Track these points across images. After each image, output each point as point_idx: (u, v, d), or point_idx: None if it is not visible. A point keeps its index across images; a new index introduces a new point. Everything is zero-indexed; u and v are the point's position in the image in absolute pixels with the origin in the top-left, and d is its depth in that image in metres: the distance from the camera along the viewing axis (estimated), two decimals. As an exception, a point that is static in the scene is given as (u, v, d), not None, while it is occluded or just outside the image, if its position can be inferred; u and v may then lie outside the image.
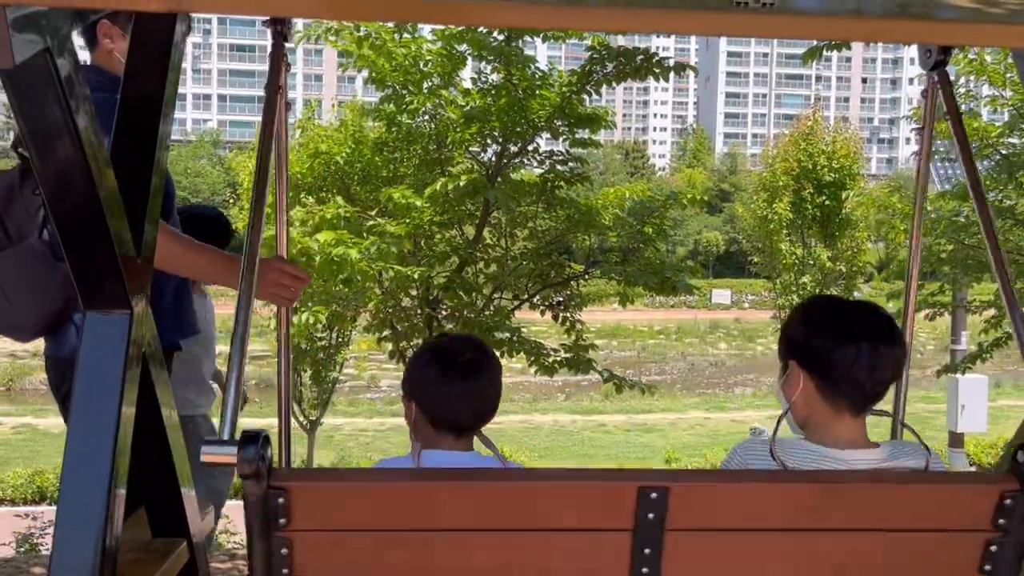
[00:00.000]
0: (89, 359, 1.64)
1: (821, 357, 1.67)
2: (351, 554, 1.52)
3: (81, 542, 1.57)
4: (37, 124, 1.49)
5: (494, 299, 7.43)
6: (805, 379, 1.69)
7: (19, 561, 3.94)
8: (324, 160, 7.47)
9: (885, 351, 1.65)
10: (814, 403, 1.70)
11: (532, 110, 6.67)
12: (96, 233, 1.62)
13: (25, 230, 2.24)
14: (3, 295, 2.24)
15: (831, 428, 1.69)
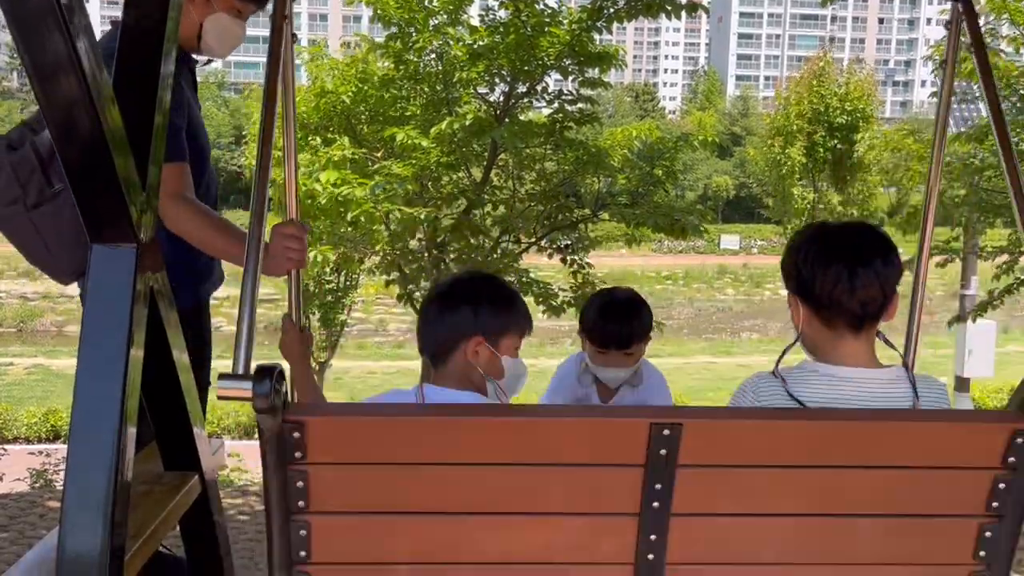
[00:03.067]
0: (97, 292, 1.63)
1: (808, 285, 1.72)
2: (366, 486, 1.52)
3: (93, 476, 1.58)
4: (39, 58, 1.46)
5: (502, 242, 7.40)
6: (803, 307, 1.74)
7: (34, 495, 4.01)
8: (331, 99, 7.37)
9: (863, 271, 1.68)
10: (816, 329, 1.74)
11: (541, 48, 6.55)
12: (101, 167, 1.59)
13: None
14: (43, 243, 2.26)
15: (836, 350, 1.73)
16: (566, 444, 1.52)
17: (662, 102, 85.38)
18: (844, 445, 1.55)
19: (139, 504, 1.86)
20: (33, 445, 11.85)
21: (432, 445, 1.50)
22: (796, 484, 1.59)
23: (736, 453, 1.55)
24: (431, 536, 1.56)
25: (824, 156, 15.18)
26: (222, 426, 13.81)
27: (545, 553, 1.59)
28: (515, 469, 1.53)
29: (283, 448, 1.45)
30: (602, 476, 1.55)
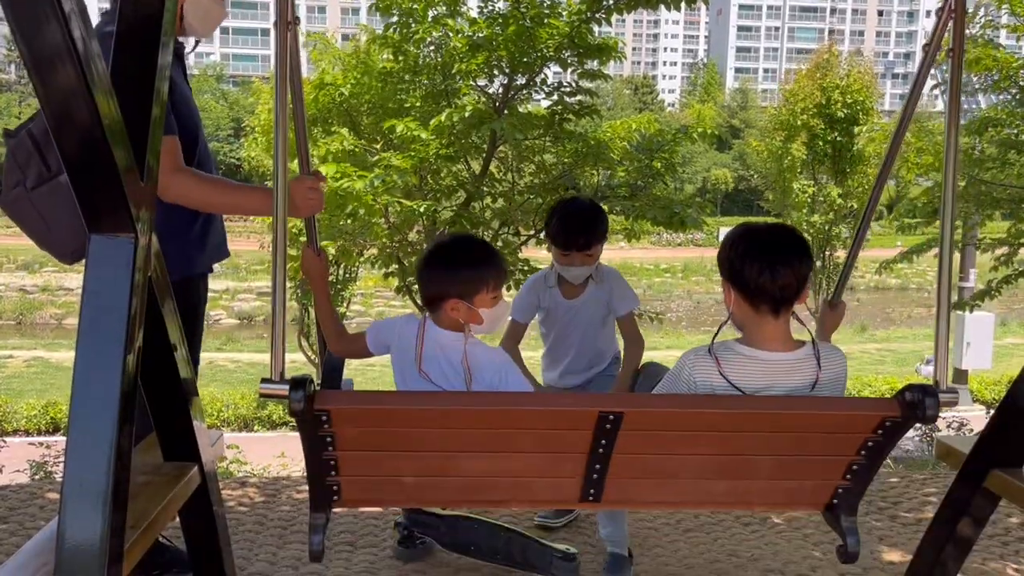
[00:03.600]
0: (95, 282, 1.63)
1: (738, 273, 2.06)
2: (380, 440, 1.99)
3: (92, 466, 1.58)
4: (37, 46, 1.45)
5: (501, 234, 7.39)
6: (734, 292, 2.09)
7: (34, 487, 4.01)
8: (330, 92, 7.35)
9: (782, 265, 2.03)
10: (743, 310, 2.09)
11: (540, 39, 6.53)
12: (99, 158, 1.59)
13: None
14: (44, 224, 2.34)
15: (759, 328, 2.09)
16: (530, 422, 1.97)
17: (661, 95, 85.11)
18: (752, 421, 1.97)
19: (138, 494, 1.86)
20: (33, 437, 11.86)
21: (428, 421, 1.95)
22: (712, 441, 2.02)
23: (665, 425, 1.99)
24: (429, 463, 2.04)
25: (824, 149, 15.15)
26: (221, 418, 13.82)
27: (516, 472, 2.08)
28: (495, 433, 1.97)
29: (314, 426, 1.90)
30: (560, 437, 1.99)
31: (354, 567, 3.12)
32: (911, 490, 4.04)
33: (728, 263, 2.11)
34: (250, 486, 3.99)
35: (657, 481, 2.16)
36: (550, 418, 1.98)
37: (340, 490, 2.08)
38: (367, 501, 2.45)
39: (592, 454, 2.01)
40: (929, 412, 1.91)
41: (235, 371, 18.60)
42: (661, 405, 2.06)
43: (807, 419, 2.01)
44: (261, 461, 9.16)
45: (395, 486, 2.14)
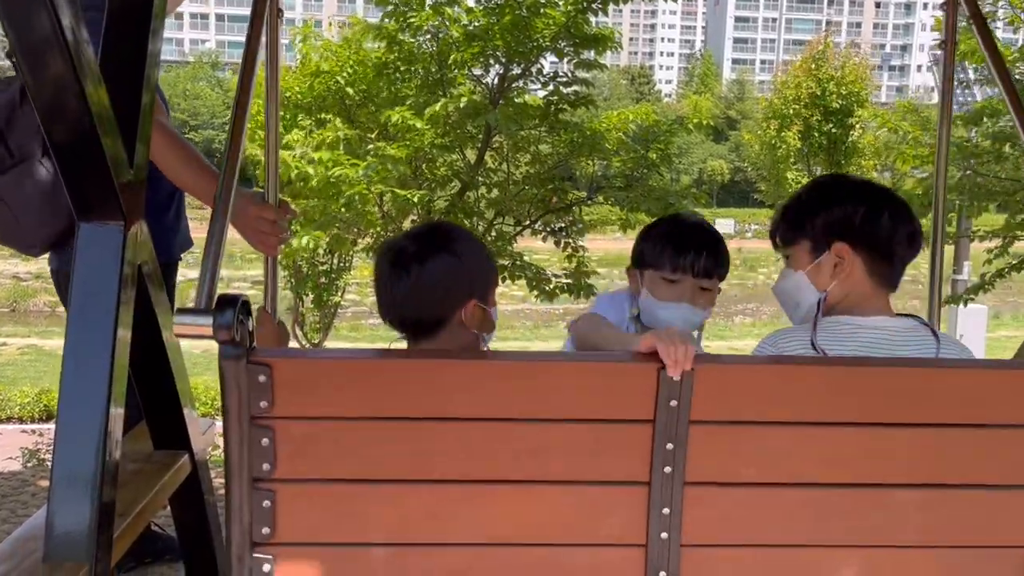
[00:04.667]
0: (84, 269, 1.63)
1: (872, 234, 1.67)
2: (338, 445, 1.36)
3: (81, 454, 1.58)
4: (26, 35, 1.44)
5: (495, 224, 7.38)
6: (861, 255, 1.67)
7: (26, 475, 4.01)
8: (324, 80, 7.32)
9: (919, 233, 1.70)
10: (860, 279, 1.67)
11: (536, 29, 6.51)
12: (88, 145, 1.59)
13: (27, 149, 2.21)
14: (11, 214, 2.23)
15: (870, 300, 1.68)
16: (565, 393, 1.34)
17: (658, 85, 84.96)
18: (871, 397, 1.35)
19: (128, 482, 1.87)
20: (26, 425, 11.85)
21: (414, 394, 1.34)
22: (823, 445, 1.38)
23: (754, 406, 1.36)
24: (407, 511, 1.39)
25: (819, 141, 15.15)
26: (215, 407, 13.81)
27: (542, 531, 1.40)
28: (506, 425, 1.35)
29: (248, 397, 1.30)
30: (606, 433, 1.36)
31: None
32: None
33: (867, 223, 1.65)
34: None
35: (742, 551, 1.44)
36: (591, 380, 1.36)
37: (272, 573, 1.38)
38: None
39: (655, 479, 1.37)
40: None
41: (229, 360, 18.53)
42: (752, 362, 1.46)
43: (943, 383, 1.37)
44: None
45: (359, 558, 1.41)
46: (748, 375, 1.38)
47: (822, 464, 1.40)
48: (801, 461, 1.39)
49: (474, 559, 1.41)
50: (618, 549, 1.41)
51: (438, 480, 1.38)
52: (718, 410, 1.35)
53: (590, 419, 1.36)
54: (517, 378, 1.35)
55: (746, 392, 1.36)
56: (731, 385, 1.36)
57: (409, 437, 1.35)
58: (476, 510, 1.40)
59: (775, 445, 1.39)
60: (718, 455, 1.38)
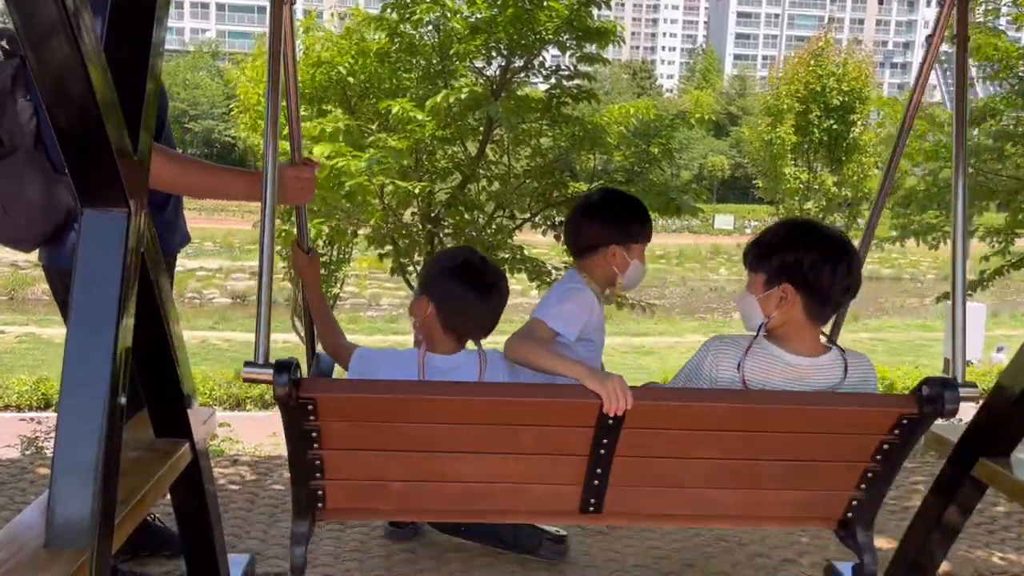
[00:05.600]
0: (87, 255, 1.62)
1: (806, 274, 1.97)
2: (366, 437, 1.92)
3: (83, 442, 1.58)
4: (32, 22, 1.43)
5: (496, 217, 7.38)
6: (800, 295, 1.98)
7: (24, 462, 4.01)
8: (326, 70, 7.31)
9: (854, 273, 2.01)
10: (795, 313, 2.00)
11: (539, 22, 6.50)
12: (92, 131, 1.57)
13: (17, 140, 2.18)
14: (1, 208, 2.19)
15: (799, 332, 2.02)
16: (529, 416, 1.88)
17: (659, 80, 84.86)
18: (764, 418, 1.90)
19: (129, 470, 1.86)
20: (24, 413, 11.85)
21: (423, 410, 1.88)
22: (721, 441, 1.94)
23: (672, 420, 1.91)
24: (421, 465, 1.96)
25: (819, 137, 15.14)
26: (214, 396, 13.82)
27: (514, 477, 1.98)
28: (491, 428, 1.90)
29: (299, 416, 1.84)
30: (560, 435, 1.91)
31: (344, 545, 3.14)
32: (899, 478, 4.07)
33: (810, 269, 1.96)
34: (241, 464, 4.00)
35: (661, 490, 2.04)
36: (551, 409, 1.88)
37: (325, 496, 2.00)
38: (354, 511, 2.25)
39: (593, 455, 1.92)
40: (948, 407, 1.83)
41: (228, 350, 18.59)
42: (668, 398, 1.95)
43: (820, 416, 1.91)
44: (253, 440, 9.19)
45: (384, 492, 2.03)
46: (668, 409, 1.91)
47: (712, 446, 1.96)
48: (698, 445, 1.94)
49: (461, 489, 2.03)
50: (565, 486, 2.01)
51: (442, 451, 1.94)
52: (643, 422, 1.86)
53: (551, 425, 1.91)
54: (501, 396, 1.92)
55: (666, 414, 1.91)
56: (657, 411, 1.89)
57: (419, 436, 1.92)
58: (466, 466, 1.98)
59: (678, 436, 1.93)
60: (640, 442, 1.91)
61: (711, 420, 1.89)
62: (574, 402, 1.86)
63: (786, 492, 2.06)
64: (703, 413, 1.89)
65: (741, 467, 1.99)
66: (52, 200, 2.22)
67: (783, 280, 1.97)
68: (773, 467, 2.00)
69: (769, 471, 2.00)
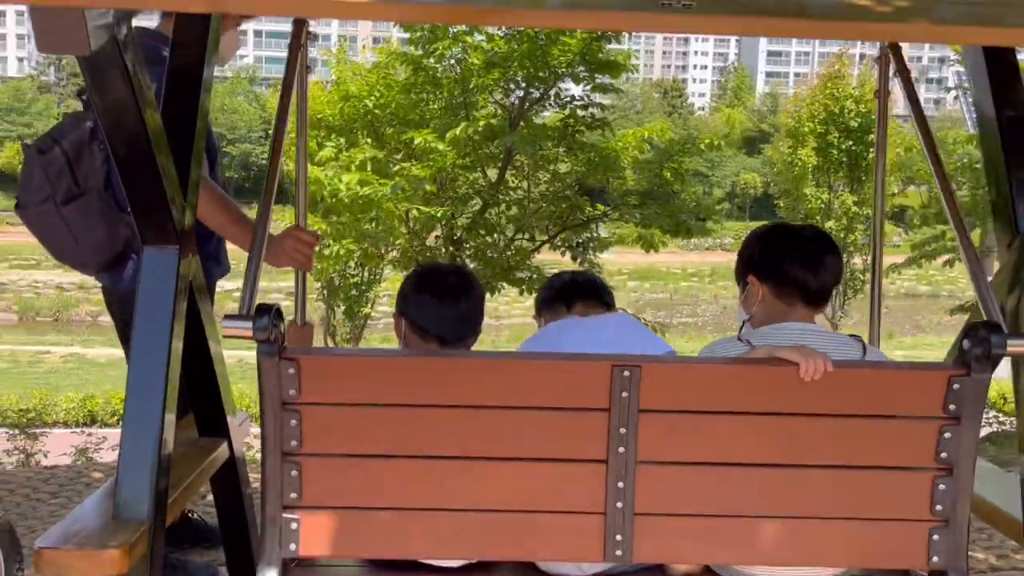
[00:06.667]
0: (148, 284, 2.00)
1: (774, 267, 2.00)
2: (351, 427, 1.70)
3: (143, 438, 1.95)
4: (105, 98, 1.81)
5: (516, 240, 7.75)
6: (764, 288, 2.00)
7: (79, 467, 4.43)
8: (354, 103, 7.75)
9: (825, 262, 1.99)
10: (771, 306, 1.99)
11: (553, 56, 6.88)
12: (151, 186, 1.96)
13: (91, 182, 2.59)
14: (72, 237, 2.62)
15: (785, 318, 1.98)
16: (534, 385, 1.67)
17: (691, 98, 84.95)
18: (798, 391, 1.65)
19: (178, 462, 2.23)
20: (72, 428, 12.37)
21: (410, 384, 1.68)
22: (754, 432, 1.68)
23: (694, 399, 1.67)
24: (408, 482, 1.71)
25: (839, 158, 15.32)
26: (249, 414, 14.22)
27: (517, 500, 1.70)
28: (486, 412, 1.67)
29: (279, 386, 1.64)
30: (569, 420, 1.66)
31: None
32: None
33: (762, 257, 2.02)
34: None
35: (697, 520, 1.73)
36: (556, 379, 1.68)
37: (299, 529, 1.69)
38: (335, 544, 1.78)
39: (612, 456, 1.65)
40: (995, 351, 1.61)
41: (264, 368, 19.03)
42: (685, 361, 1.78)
43: (856, 381, 1.67)
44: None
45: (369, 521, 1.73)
46: (684, 371, 1.72)
47: (750, 446, 1.71)
48: (732, 443, 1.70)
49: (461, 522, 1.74)
50: (581, 516, 1.71)
51: (432, 456, 1.70)
52: (662, 401, 1.66)
53: (556, 407, 1.67)
54: (496, 372, 1.70)
55: (684, 386, 1.70)
56: (671, 380, 1.69)
57: (409, 421, 1.69)
58: (462, 482, 1.72)
59: (709, 429, 1.70)
60: (664, 438, 1.69)
61: (743, 395, 1.66)
62: (584, 365, 1.66)
63: (851, 523, 1.73)
64: (730, 384, 1.66)
65: (790, 478, 1.69)
66: (115, 234, 2.62)
67: (749, 274, 2.05)
68: (825, 475, 1.71)
69: (821, 481, 1.71)
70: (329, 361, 1.75)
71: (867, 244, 16.17)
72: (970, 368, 1.64)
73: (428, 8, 1.51)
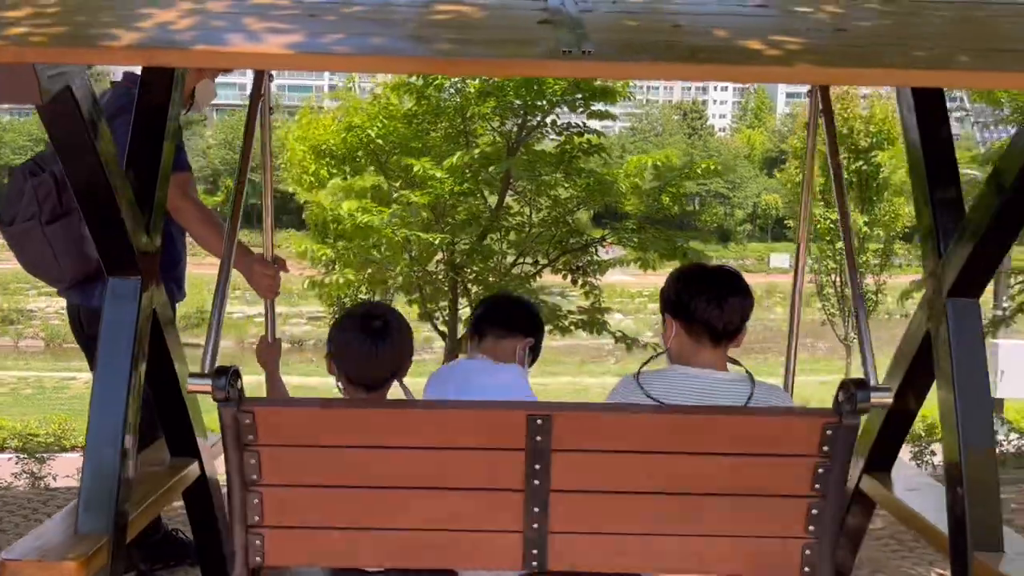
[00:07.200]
0: (112, 312, 2.15)
1: (684, 306, 2.21)
2: (303, 464, 1.94)
3: (105, 457, 2.08)
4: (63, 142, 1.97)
5: (517, 264, 7.88)
6: (676, 324, 2.23)
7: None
8: (357, 133, 7.96)
9: (729, 300, 2.19)
10: (682, 342, 2.22)
11: (548, 85, 7.04)
12: (109, 219, 2.11)
13: (75, 204, 2.76)
14: (52, 253, 2.81)
15: (696, 355, 2.21)
16: (460, 430, 1.91)
17: (711, 120, 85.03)
18: (690, 434, 1.92)
19: (146, 480, 2.37)
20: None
21: (349, 431, 1.93)
22: (652, 468, 1.94)
23: (598, 441, 1.92)
24: (354, 507, 1.95)
25: (848, 178, 15.34)
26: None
27: (449, 521, 1.96)
28: (417, 452, 1.92)
29: (239, 432, 1.86)
30: (493, 457, 1.91)
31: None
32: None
33: (675, 297, 2.23)
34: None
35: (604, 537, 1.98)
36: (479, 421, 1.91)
37: (264, 543, 1.93)
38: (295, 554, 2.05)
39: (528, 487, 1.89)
40: (860, 404, 1.83)
41: (283, 393, 19.25)
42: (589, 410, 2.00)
43: (741, 427, 1.91)
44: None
45: (323, 537, 1.98)
46: (589, 419, 1.96)
47: (649, 478, 1.95)
48: (633, 475, 1.95)
49: (401, 539, 1.99)
50: (503, 534, 1.96)
51: (372, 487, 1.95)
52: (571, 442, 1.90)
53: (480, 448, 1.92)
54: (427, 422, 1.95)
55: (589, 430, 1.94)
56: (578, 425, 1.92)
57: (349, 459, 1.93)
58: (399, 507, 1.96)
59: (613, 464, 1.94)
60: (574, 472, 1.93)
61: (636, 435, 1.92)
62: (503, 414, 1.91)
63: (737, 539, 1.98)
64: (619, 426, 1.93)
65: (684, 504, 1.94)
66: (93, 253, 2.78)
67: (666, 311, 2.28)
68: (714, 501, 1.94)
69: (711, 506, 1.94)
70: (279, 411, 1.97)
71: (880, 266, 16.20)
72: (841, 417, 1.87)
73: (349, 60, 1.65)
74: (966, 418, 2.19)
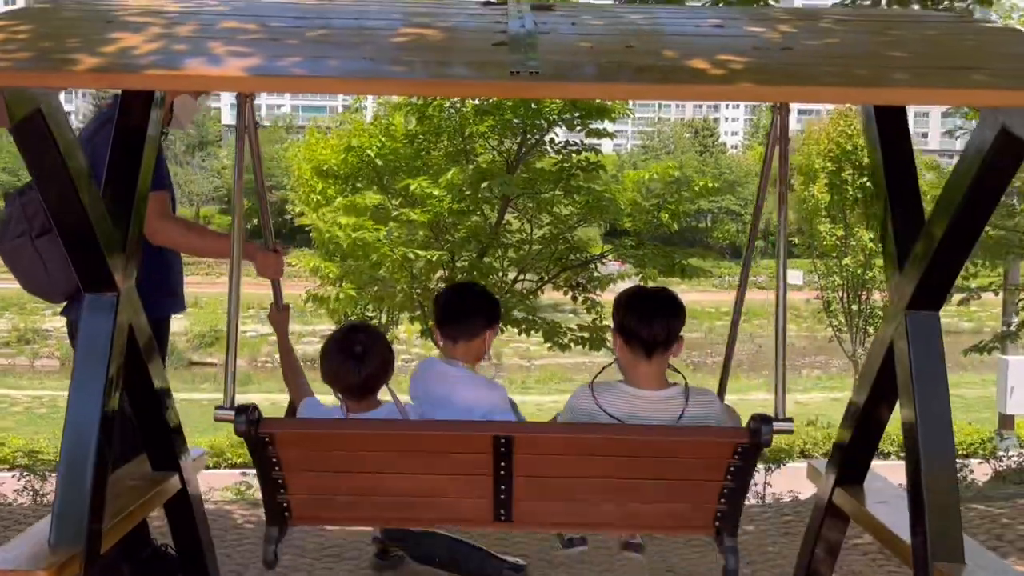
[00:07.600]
0: (88, 327, 2.21)
1: (621, 322, 2.55)
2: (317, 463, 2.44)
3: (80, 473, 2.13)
4: (35, 161, 2.04)
5: (517, 281, 7.93)
6: (619, 339, 2.56)
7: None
8: (357, 153, 8.07)
9: (657, 317, 2.52)
10: (624, 354, 2.56)
11: (545, 104, 7.11)
12: (83, 237, 2.17)
13: None
14: (43, 267, 2.87)
15: (635, 369, 2.54)
16: (442, 442, 2.36)
17: (723, 137, 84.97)
18: (625, 445, 2.35)
19: (125, 493, 2.42)
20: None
21: (347, 440, 2.42)
22: (599, 466, 2.38)
23: (554, 447, 2.38)
24: (361, 483, 2.43)
25: (854, 195, 15.34)
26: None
27: (435, 492, 2.44)
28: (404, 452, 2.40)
29: (261, 447, 2.34)
30: (469, 457, 2.35)
31: (335, 575, 3.63)
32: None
33: (617, 316, 2.58)
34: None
35: (559, 503, 2.48)
36: (452, 441, 2.36)
37: (290, 507, 2.47)
38: (314, 518, 2.70)
39: (496, 475, 2.35)
40: (764, 438, 2.22)
41: (293, 411, 19.29)
42: (543, 431, 2.49)
43: (670, 444, 2.35)
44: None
45: (335, 504, 2.52)
46: (545, 435, 2.45)
47: (597, 468, 2.40)
48: (583, 467, 2.39)
49: (390, 503, 2.50)
50: (479, 500, 2.43)
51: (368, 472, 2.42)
52: (531, 449, 2.35)
53: (460, 452, 2.37)
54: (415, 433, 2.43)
55: (546, 442, 2.41)
56: (536, 439, 2.41)
57: (349, 456, 2.42)
58: (390, 484, 2.44)
59: (566, 461, 2.37)
60: (534, 465, 2.36)
61: (580, 447, 2.36)
62: (470, 435, 2.37)
63: (663, 505, 2.49)
64: (570, 442, 2.37)
65: (623, 484, 2.42)
66: None
67: (615, 331, 2.59)
68: (647, 485, 2.42)
69: (645, 488, 2.43)
70: (291, 432, 2.44)
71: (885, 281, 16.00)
72: (750, 441, 2.27)
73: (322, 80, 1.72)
74: (926, 429, 2.23)
